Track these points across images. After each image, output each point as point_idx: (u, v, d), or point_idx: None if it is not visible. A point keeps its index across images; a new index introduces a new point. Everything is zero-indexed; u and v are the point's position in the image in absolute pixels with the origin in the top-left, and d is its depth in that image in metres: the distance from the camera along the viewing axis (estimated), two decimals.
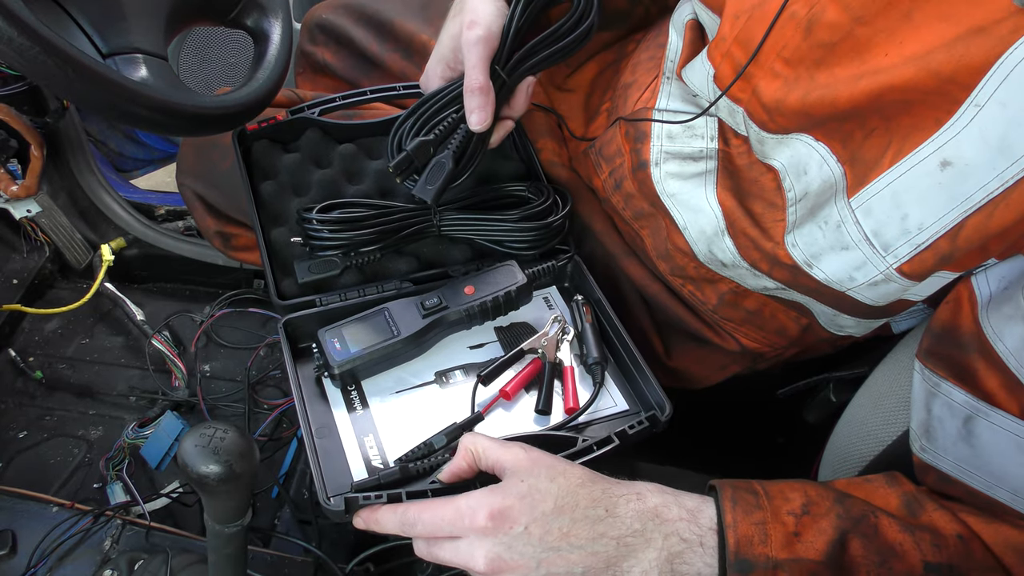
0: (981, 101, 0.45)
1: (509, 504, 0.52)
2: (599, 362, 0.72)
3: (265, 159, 0.82)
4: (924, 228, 0.50)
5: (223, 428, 0.47)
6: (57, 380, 1.15)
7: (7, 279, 1.22)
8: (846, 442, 0.69)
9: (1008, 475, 0.48)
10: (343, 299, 0.73)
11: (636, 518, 0.51)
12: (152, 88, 0.63)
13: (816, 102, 0.52)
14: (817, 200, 0.57)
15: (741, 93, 0.58)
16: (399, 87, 0.86)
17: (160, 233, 1.28)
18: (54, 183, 1.23)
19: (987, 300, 0.51)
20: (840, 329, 0.72)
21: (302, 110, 0.83)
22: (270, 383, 1.16)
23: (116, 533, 0.78)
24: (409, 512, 0.54)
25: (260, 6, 0.77)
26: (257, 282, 1.30)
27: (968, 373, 0.50)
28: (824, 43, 0.51)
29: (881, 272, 0.55)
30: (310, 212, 0.73)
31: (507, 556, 0.51)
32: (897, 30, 0.48)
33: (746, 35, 0.56)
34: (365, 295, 0.74)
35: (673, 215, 0.71)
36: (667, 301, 0.80)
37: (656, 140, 0.70)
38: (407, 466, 0.62)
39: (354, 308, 0.73)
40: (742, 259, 0.67)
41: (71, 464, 1.04)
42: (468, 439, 0.58)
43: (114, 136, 1.46)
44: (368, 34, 0.99)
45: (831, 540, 0.48)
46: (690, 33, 0.67)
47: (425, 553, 0.55)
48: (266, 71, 0.75)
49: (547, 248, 0.78)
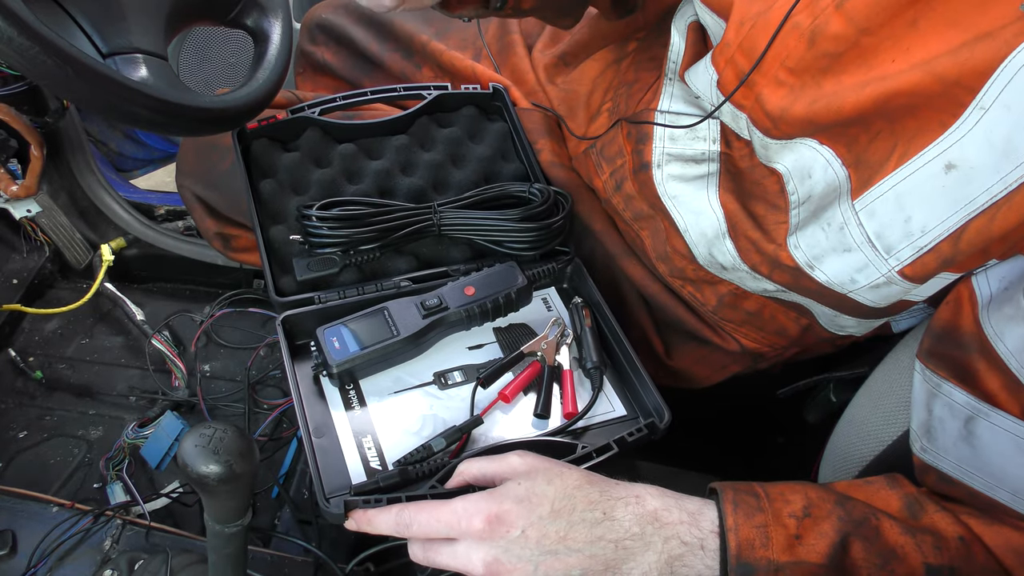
0: (986, 104, 0.45)
1: (506, 508, 0.51)
2: (598, 367, 0.71)
3: (265, 158, 0.82)
4: (927, 231, 0.50)
5: (223, 428, 0.47)
6: (57, 380, 1.15)
7: (7, 279, 1.22)
8: (846, 442, 0.69)
9: (1009, 476, 0.48)
10: (342, 297, 0.73)
11: (635, 521, 0.51)
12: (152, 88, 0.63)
13: (822, 110, 0.52)
14: (821, 202, 0.57)
15: (744, 100, 0.58)
16: (399, 88, 0.86)
17: (160, 233, 1.28)
18: (54, 183, 1.23)
19: (987, 300, 0.50)
20: (840, 329, 0.72)
21: (302, 109, 0.83)
22: (270, 383, 1.16)
23: (116, 533, 0.78)
24: (404, 513, 0.54)
25: (260, 6, 0.77)
26: (257, 282, 1.30)
27: (969, 374, 0.50)
28: (829, 53, 0.51)
29: (883, 274, 0.55)
30: (310, 209, 0.73)
31: (505, 560, 0.51)
32: (903, 37, 0.48)
33: (750, 43, 0.55)
34: (364, 293, 0.74)
35: (674, 217, 0.71)
36: (667, 301, 0.80)
37: (658, 142, 0.70)
38: (406, 469, 0.62)
39: (353, 306, 0.73)
40: (742, 262, 0.67)
41: (71, 464, 1.04)
42: (464, 467, 0.58)
43: (114, 136, 1.45)
44: (368, 34, 0.99)
45: (832, 543, 0.48)
46: (692, 35, 0.67)
47: (421, 557, 0.55)
48: (266, 71, 0.74)
49: (547, 249, 0.78)
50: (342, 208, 0.74)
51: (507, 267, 0.75)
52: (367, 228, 0.73)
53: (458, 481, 0.58)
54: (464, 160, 0.87)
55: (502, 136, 0.88)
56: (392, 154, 0.85)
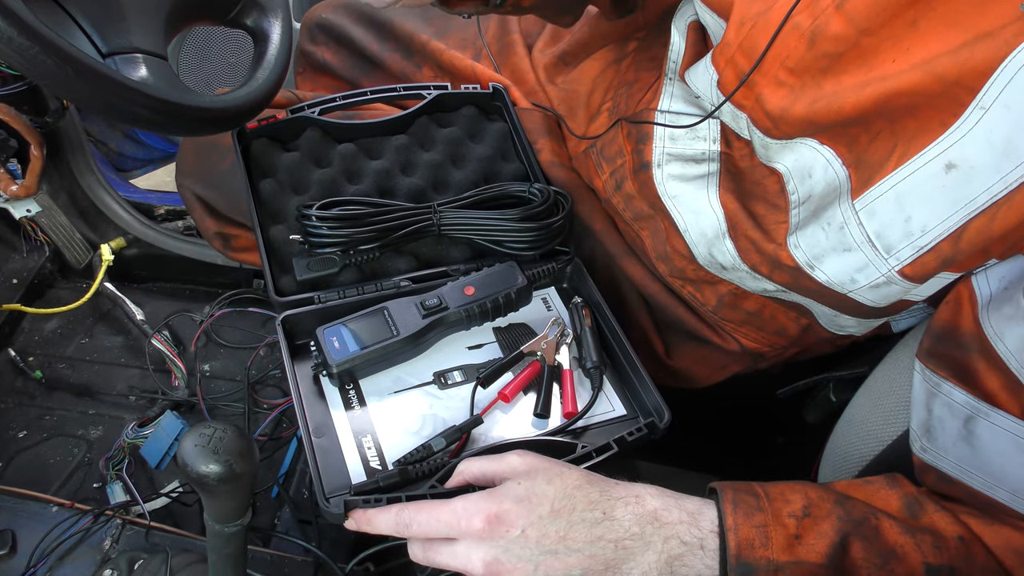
0: (986, 104, 0.45)
1: (506, 508, 0.51)
2: (598, 366, 0.71)
3: (264, 157, 0.82)
4: (927, 231, 0.50)
5: (223, 428, 0.47)
6: (57, 380, 1.15)
7: (7, 279, 1.22)
8: (846, 442, 0.69)
9: (1008, 475, 0.48)
10: (342, 296, 0.73)
11: (634, 521, 0.51)
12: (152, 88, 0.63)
13: (822, 110, 0.52)
14: (821, 202, 0.57)
15: (745, 100, 0.58)
16: (399, 88, 0.86)
17: (160, 233, 1.28)
18: (54, 183, 1.23)
19: (987, 300, 0.50)
20: (840, 329, 0.71)
21: (302, 109, 0.83)
22: (270, 383, 1.16)
23: (116, 533, 0.78)
24: (404, 513, 0.54)
25: (260, 6, 0.77)
26: (257, 282, 1.30)
27: (968, 373, 0.50)
28: (829, 53, 0.51)
29: (883, 274, 0.55)
30: (310, 209, 0.73)
31: (505, 559, 0.51)
32: (903, 38, 0.48)
33: (750, 43, 0.55)
34: (364, 293, 0.74)
35: (674, 217, 0.71)
36: (667, 301, 0.80)
37: (658, 142, 0.70)
38: (406, 469, 0.62)
39: (353, 306, 0.73)
40: (742, 262, 0.67)
41: (71, 464, 1.04)
42: (464, 466, 0.58)
43: (114, 136, 1.45)
44: (368, 33, 0.99)
45: (832, 543, 0.48)
46: (692, 34, 0.67)
47: (421, 557, 0.55)
48: (266, 71, 0.74)
49: (547, 249, 0.78)
50: (342, 208, 0.74)
51: (507, 267, 0.75)
52: (367, 228, 0.73)
53: (458, 481, 0.58)
54: (464, 160, 0.87)
55: (502, 136, 0.88)
56: (392, 154, 0.85)
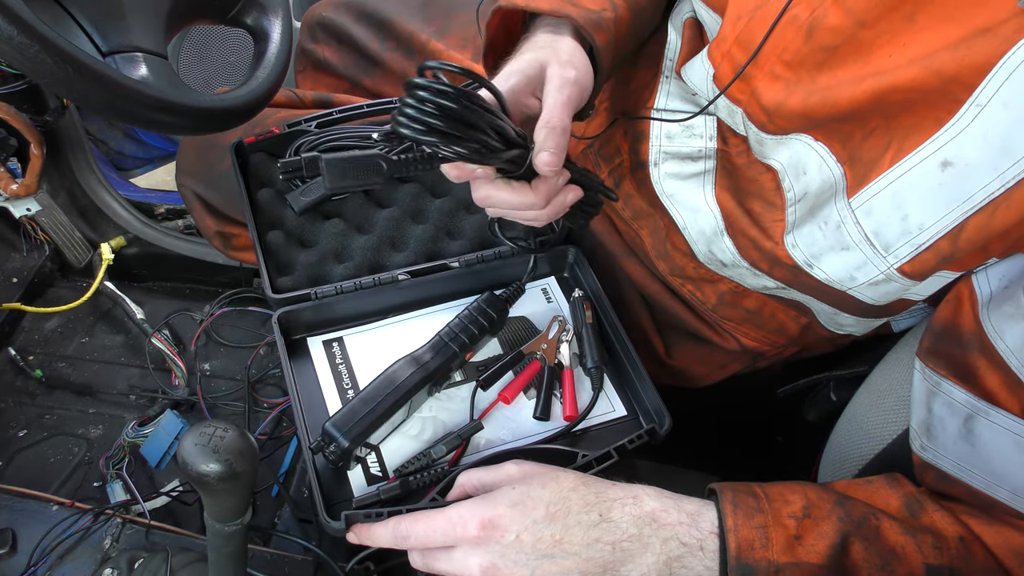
0: (983, 101, 0.44)
1: (500, 513, 0.51)
2: (598, 366, 0.71)
3: (262, 167, 0.83)
4: (925, 228, 0.50)
5: (223, 427, 0.47)
6: (57, 379, 1.15)
7: (7, 278, 1.22)
8: (846, 441, 0.69)
9: (1008, 474, 0.48)
10: (338, 292, 0.74)
11: (632, 523, 0.51)
12: (152, 87, 0.63)
13: (817, 104, 0.52)
14: (817, 200, 0.57)
15: (740, 94, 0.58)
16: (396, 100, 0.86)
17: (160, 232, 1.28)
18: (54, 182, 1.23)
19: (987, 298, 0.50)
20: (840, 328, 0.71)
21: (299, 123, 0.84)
22: (270, 382, 1.16)
23: (116, 532, 0.78)
24: (401, 525, 0.54)
25: (260, 4, 0.77)
26: (257, 281, 1.30)
27: (969, 372, 0.50)
28: (826, 46, 0.51)
29: (882, 272, 0.55)
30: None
31: (501, 564, 0.51)
32: (900, 32, 0.48)
33: (747, 36, 0.55)
34: (362, 287, 0.74)
35: (672, 215, 0.71)
36: (667, 300, 0.80)
37: (655, 140, 0.70)
38: (407, 479, 0.62)
39: (350, 300, 0.73)
40: (742, 259, 0.67)
41: (71, 463, 1.04)
42: (463, 478, 0.58)
43: (114, 135, 1.45)
44: (368, 32, 0.99)
45: (832, 543, 0.48)
46: (689, 31, 0.67)
47: (421, 564, 0.55)
48: (266, 70, 0.75)
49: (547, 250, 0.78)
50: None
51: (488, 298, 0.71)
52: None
53: (458, 493, 0.58)
54: None
55: None
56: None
